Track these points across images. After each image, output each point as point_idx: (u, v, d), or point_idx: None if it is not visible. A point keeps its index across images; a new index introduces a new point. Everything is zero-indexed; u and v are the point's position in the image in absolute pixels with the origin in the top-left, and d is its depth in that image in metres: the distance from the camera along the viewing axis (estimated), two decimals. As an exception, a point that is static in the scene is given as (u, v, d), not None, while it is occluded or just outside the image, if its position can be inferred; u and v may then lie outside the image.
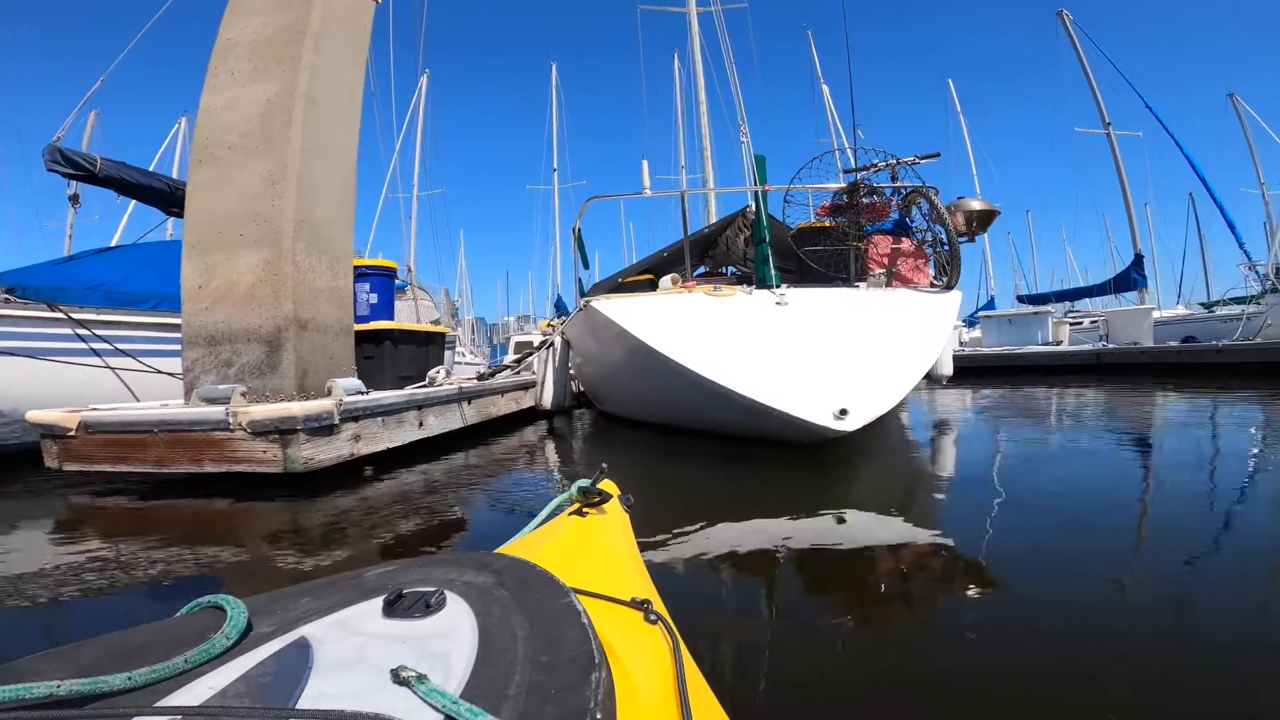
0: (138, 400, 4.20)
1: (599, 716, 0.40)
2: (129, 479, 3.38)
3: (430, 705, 0.40)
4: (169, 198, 6.86)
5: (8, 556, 2.21)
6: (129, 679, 0.43)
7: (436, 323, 9.11)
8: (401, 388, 4.51)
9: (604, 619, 0.60)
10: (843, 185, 5.72)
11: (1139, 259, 19.18)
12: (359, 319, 4.91)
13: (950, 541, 1.94)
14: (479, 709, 0.39)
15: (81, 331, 4.10)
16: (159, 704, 0.42)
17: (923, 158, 6.17)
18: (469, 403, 5.14)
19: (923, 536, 2.01)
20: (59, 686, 0.40)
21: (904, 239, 5.80)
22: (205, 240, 3.85)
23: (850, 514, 2.25)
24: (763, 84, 39.25)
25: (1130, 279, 19.12)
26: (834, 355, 3.87)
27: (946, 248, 5.45)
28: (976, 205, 5.89)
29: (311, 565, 1.95)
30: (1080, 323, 19.13)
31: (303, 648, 0.49)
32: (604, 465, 1.08)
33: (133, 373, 4.60)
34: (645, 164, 5.64)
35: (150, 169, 7.07)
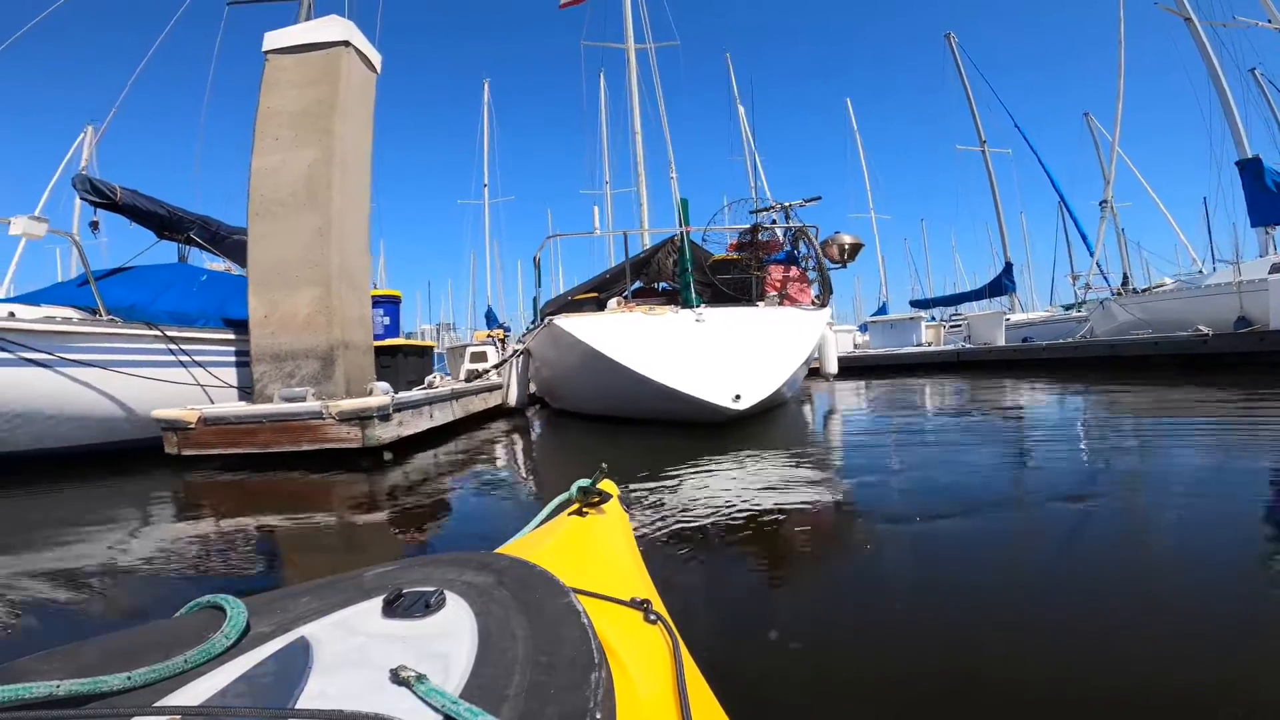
0: (212, 402, 5.25)
1: (599, 716, 0.41)
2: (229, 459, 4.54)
3: (430, 705, 0.41)
4: (166, 222, 7.70)
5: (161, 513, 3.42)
6: (129, 679, 0.44)
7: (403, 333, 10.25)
8: (410, 390, 5.78)
9: (604, 619, 0.61)
10: (746, 227, 7.42)
11: (1009, 267, 22.14)
12: (376, 336, 6.13)
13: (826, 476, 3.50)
14: (479, 709, 0.39)
15: (172, 347, 5.12)
16: (159, 704, 0.43)
17: (807, 200, 8.00)
18: (457, 401, 6.46)
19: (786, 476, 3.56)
20: (59, 686, 0.41)
21: (793, 268, 7.54)
22: (268, 280, 5.02)
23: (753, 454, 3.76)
24: (690, 107, 41.95)
25: (1002, 284, 22.09)
26: (733, 357, 5.43)
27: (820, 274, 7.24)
28: (847, 239, 7.71)
29: (387, 513, 3.29)
30: (960, 325, 21.75)
31: (302, 648, 0.50)
32: (604, 465, 1.09)
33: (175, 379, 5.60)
34: (596, 210, 7.16)
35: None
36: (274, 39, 5.63)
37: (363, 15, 6.81)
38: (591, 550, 0.90)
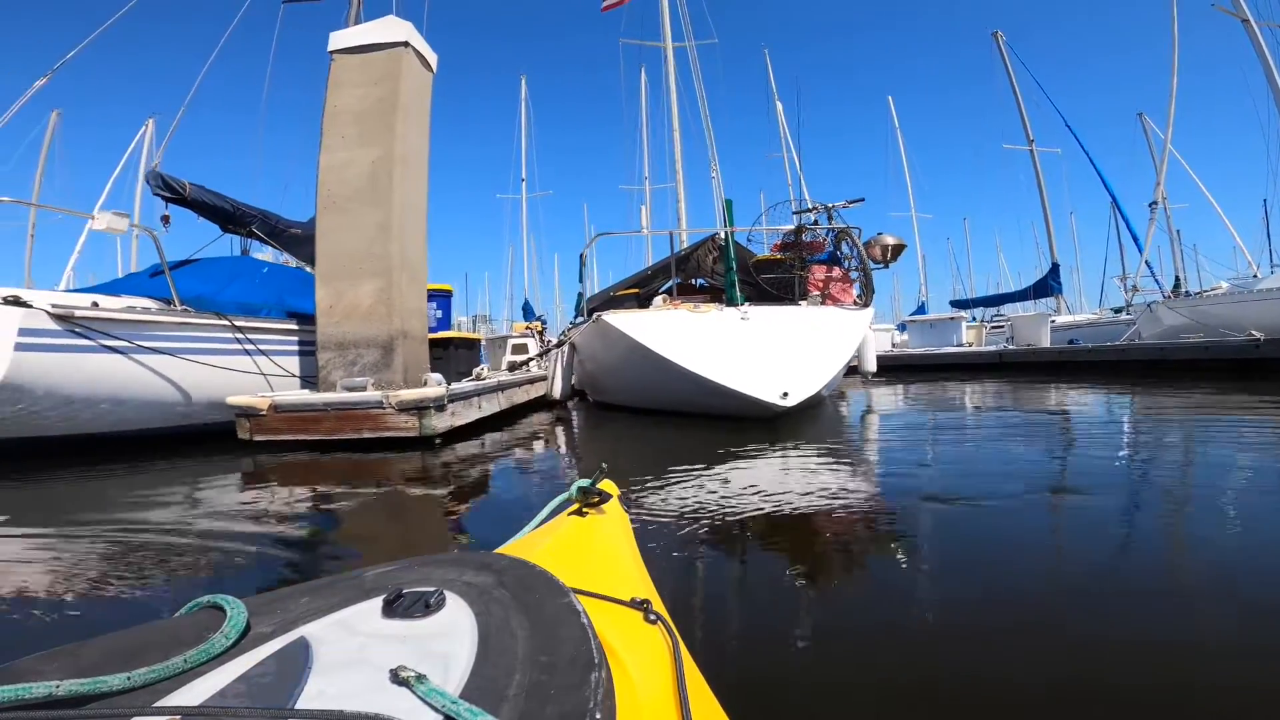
0: (272, 390, 5.53)
1: (599, 716, 0.41)
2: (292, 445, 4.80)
3: (429, 705, 0.41)
4: (230, 216, 8.05)
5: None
6: (128, 679, 0.44)
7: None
8: (460, 380, 6.00)
9: (604, 619, 0.62)
10: (790, 228, 7.50)
11: (1055, 268, 21.61)
12: (429, 329, 6.38)
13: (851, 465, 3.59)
14: (478, 709, 0.39)
15: (239, 336, 5.42)
16: (158, 704, 0.43)
17: (850, 202, 8.03)
18: (503, 392, 6.67)
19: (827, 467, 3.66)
20: (58, 687, 0.41)
21: (835, 268, 7.59)
22: (334, 271, 5.28)
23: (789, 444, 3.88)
24: (728, 104, 41.97)
25: (1048, 286, 21.57)
26: (780, 355, 5.55)
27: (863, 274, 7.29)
28: (890, 240, 7.72)
29: (444, 492, 3.47)
30: (1002, 326, 21.28)
31: (302, 648, 0.50)
32: (604, 465, 1.10)
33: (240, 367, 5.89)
34: (643, 210, 7.30)
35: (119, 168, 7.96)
36: (339, 39, 5.87)
37: (409, 12, 7.03)
38: (591, 550, 0.91)
